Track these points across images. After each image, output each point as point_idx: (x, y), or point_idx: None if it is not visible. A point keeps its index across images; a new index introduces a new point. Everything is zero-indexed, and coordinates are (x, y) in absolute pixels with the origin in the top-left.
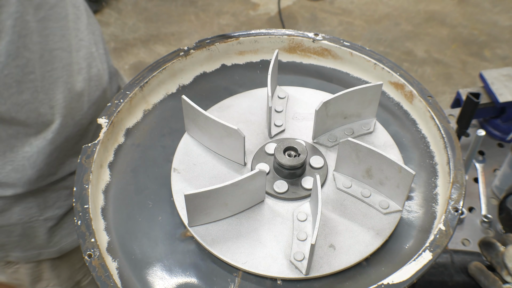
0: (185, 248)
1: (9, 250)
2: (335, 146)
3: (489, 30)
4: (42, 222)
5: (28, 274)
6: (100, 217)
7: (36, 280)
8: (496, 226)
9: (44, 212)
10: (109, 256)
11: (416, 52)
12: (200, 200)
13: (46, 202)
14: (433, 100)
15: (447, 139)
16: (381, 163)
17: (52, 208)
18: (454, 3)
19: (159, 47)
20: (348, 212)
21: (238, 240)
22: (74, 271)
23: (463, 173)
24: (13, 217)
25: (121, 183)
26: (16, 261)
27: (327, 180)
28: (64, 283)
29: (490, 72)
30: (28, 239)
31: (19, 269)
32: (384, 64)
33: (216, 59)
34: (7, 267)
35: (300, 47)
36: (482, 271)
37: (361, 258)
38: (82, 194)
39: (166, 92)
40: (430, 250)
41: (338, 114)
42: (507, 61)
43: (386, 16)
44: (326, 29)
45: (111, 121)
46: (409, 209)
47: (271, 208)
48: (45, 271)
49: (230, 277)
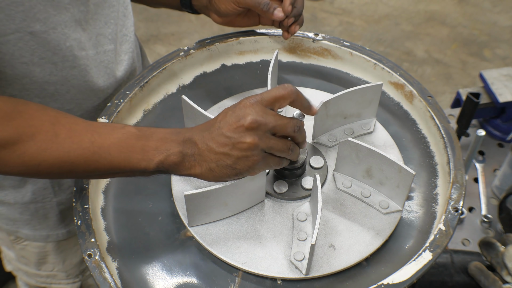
0: (185, 248)
1: (20, 227)
2: (335, 146)
3: (489, 30)
4: (55, 204)
5: (34, 254)
6: (100, 217)
7: (42, 261)
8: (496, 226)
9: (58, 194)
10: (109, 256)
11: (416, 52)
12: (200, 200)
13: (60, 185)
14: (433, 100)
15: (447, 139)
16: (381, 163)
17: (66, 192)
18: (454, 3)
19: (159, 47)
20: (348, 212)
21: (238, 240)
22: (79, 259)
23: (463, 173)
24: (27, 195)
25: (121, 183)
26: (25, 238)
27: (327, 180)
28: (69, 269)
29: (490, 72)
30: (39, 219)
31: (26, 246)
32: (384, 64)
33: (216, 59)
34: (16, 242)
35: (300, 47)
36: (482, 271)
37: (361, 258)
38: (82, 194)
39: (166, 92)
40: (430, 250)
41: (338, 114)
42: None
43: (386, 16)
44: (326, 29)
45: (111, 121)
46: (409, 209)
47: (271, 208)
48: (50, 253)
49: (230, 277)
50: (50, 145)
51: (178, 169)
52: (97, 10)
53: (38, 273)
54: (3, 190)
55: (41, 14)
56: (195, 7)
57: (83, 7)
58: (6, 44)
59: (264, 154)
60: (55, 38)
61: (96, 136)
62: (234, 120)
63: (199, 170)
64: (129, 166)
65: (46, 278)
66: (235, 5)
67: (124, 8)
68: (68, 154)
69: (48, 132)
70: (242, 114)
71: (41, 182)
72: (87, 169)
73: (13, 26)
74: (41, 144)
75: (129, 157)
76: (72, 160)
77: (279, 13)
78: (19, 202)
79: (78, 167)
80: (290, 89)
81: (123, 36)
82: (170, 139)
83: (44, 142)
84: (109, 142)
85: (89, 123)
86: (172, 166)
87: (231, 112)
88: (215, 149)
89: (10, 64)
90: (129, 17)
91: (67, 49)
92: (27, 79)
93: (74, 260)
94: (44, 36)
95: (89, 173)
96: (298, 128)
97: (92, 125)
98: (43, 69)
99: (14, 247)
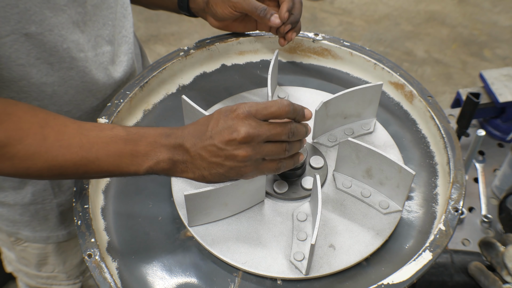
0: (185, 248)
1: (20, 228)
2: (335, 146)
3: (489, 30)
4: (55, 206)
5: (35, 255)
6: (100, 217)
7: (42, 263)
8: (496, 226)
9: (58, 196)
10: (109, 256)
11: (416, 52)
12: (200, 200)
13: (60, 187)
14: (433, 100)
15: (447, 139)
16: (381, 163)
17: (66, 193)
18: (454, 3)
19: (159, 47)
20: (348, 212)
21: (238, 240)
22: (79, 260)
23: (463, 173)
24: (27, 196)
25: (121, 183)
26: (25, 239)
27: (327, 180)
28: (69, 270)
29: (490, 72)
30: (39, 221)
31: (27, 248)
32: (384, 64)
33: (216, 59)
34: (17, 243)
35: (300, 47)
36: (482, 271)
37: (361, 258)
38: (82, 194)
39: (166, 92)
40: (430, 250)
41: (338, 114)
42: (507, 61)
43: (386, 16)
44: (326, 29)
45: (111, 121)
46: (409, 209)
47: (271, 208)
48: (51, 255)
49: (230, 277)
50: (38, 149)
51: (170, 174)
52: (95, 12)
53: (38, 274)
54: (3, 192)
55: (37, 16)
56: (193, 10)
57: (80, 8)
58: (2, 46)
59: (259, 161)
60: (52, 40)
61: (85, 140)
62: (226, 133)
63: (192, 175)
64: (119, 170)
65: (47, 279)
66: (232, 9)
67: (124, 9)
68: (56, 159)
69: (36, 135)
70: (234, 126)
71: (41, 184)
72: (76, 173)
73: (8, 28)
74: (29, 148)
75: (118, 162)
76: (61, 164)
77: (276, 19)
78: (19, 203)
79: (67, 170)
80: (287, 109)
81: (122, 38)
82: (160, 143)
83: (33, 146)
84: (97, 147)
85: (78, 124)
86: (162, 171)
87: (223, 121)
88: (207, 158)
89: (6, 67)
90: (129, 18)
91: (64, 50)
92: (25, 81)
93: (74, 261)
94: (40, 38)
95: (80, 175)
96: (293, 133)
97: (81, 127)
98: (40, 70)
99: (14, 248)
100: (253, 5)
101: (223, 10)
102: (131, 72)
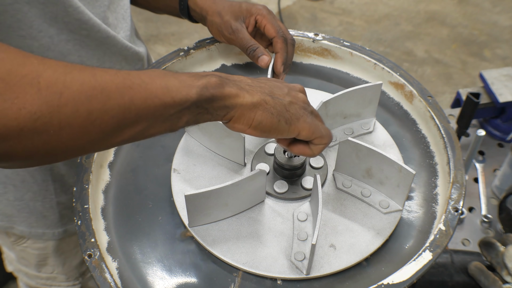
0: (185, 248)
1: (16, 223)
2: (335, 146)
3: (489, 30)
4: (55, 204)
5: (34, 255)
6: (100, 217)
7: (42, 263)
8: (496, 226)
9: (59, 195)
10: (109, 256)
11: (416, 52)
12: (200, 200)
13: (62, 187)
14: (433, 100)
15: (447, 139)
16: (381, 163)
17: (67, 193)
18: (454, 3)
19: (159, 47)
20: (348, 212)
21: (238, 240)
22: (79, 261)
23: (463, 173)
24: (28, 194)
25: (121, 183)
26: (21, 235)
27: (327, 180)
28: (68, 271)
29: (490, 72)
30: (36, 218)
31: (26, 248)
32: (384, 64)
33: (216, 59)
34: (17, 243)
35: (300, 47)
36: (482, 271)
37: (361, 258)
38: (82, 194)
39: None
40: (430, 250)
41: (338, 114)
42: (507, 61)
43: (386, 16)
44: (326, 29)
45: None
46: (409, 209)
47: (271, 208)
48: (50, 255)
49: (230, 277)
50: (70, 70)
51: (223, 97)
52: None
53: (38, 275)
54: (3, 187)
55: None
56: (194, 17)
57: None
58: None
59: (311, 116)
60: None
61: (123, 71)
62: (285, 85)
63: (250, 99)
64: (169, 94)
65: (46, 280)
66: (225, 39)
67: (123, 11)
68: (95, 78)
69: (63, 64)
70: (295, 91)
71: (42, 184)
72: (121, 101)
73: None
74: (58, 67)
75: (166, 83)
76: (102, 86)
77: (262, 62)
78: (19, 199)
79: (110, 97)
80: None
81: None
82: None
83: (62, 67)
84: (140, 73)
85: None
86: (215, 88)
87: (274, 81)
88: (266, 82)
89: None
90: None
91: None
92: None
93: (73, 263)
94: None
95: (124, 108)
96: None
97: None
98: None
99: (14, 248)
100: (245, 43)
101: (217, 36)
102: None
